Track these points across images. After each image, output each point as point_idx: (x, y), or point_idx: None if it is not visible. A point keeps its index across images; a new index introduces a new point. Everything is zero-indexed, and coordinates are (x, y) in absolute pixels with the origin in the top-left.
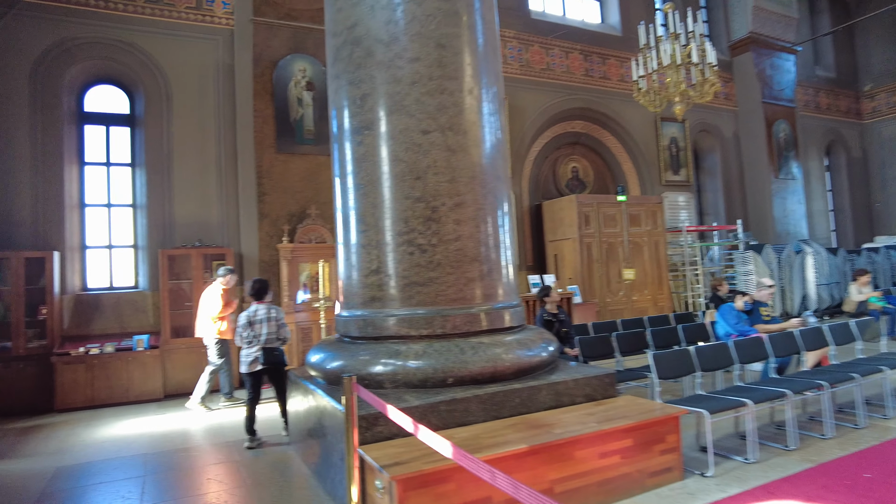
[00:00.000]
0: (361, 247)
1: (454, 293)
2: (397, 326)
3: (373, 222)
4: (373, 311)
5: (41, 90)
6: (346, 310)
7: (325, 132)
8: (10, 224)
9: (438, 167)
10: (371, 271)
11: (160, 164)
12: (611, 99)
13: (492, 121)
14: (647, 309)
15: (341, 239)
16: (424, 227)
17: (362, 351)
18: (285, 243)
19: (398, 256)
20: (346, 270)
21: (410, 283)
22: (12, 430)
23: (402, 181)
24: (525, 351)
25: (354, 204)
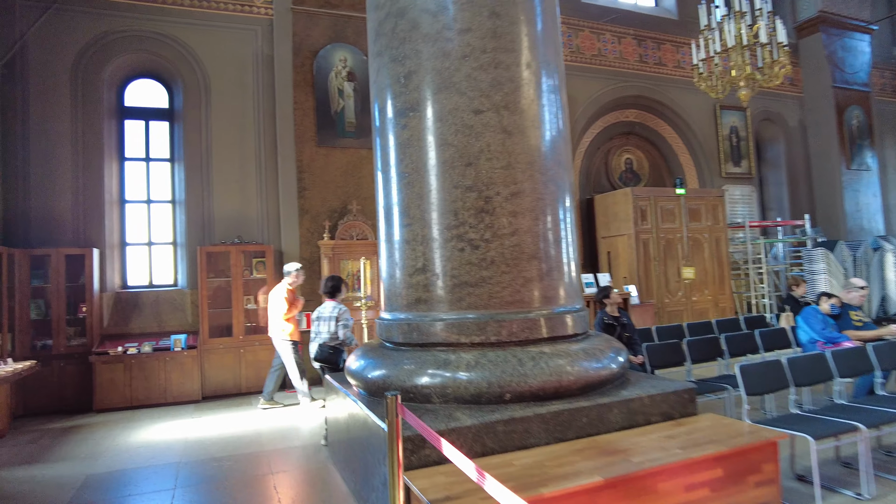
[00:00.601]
0: (405, 242)
1: (510, 295)
2: (446, 332)
3: (418, 215)
4: (418, 315)
5: (82, 85)
6: (388, 312)
7: (366, 124)
8: (50, 221)
9: (492, 151)
10: (416, 270)
11: (199, 158)
12: (666, 86)
13: (552, 98)
14: (707, 310)
15: (383, 234)
16: (476, 220)
17: (406, 359)
18: (326, 240)
19: (446, 253)
20: (389, 269)
21: (460, 284)
22: (50, 430)
23: (451, 168)
24: (592, 362)
25: (397, 195)
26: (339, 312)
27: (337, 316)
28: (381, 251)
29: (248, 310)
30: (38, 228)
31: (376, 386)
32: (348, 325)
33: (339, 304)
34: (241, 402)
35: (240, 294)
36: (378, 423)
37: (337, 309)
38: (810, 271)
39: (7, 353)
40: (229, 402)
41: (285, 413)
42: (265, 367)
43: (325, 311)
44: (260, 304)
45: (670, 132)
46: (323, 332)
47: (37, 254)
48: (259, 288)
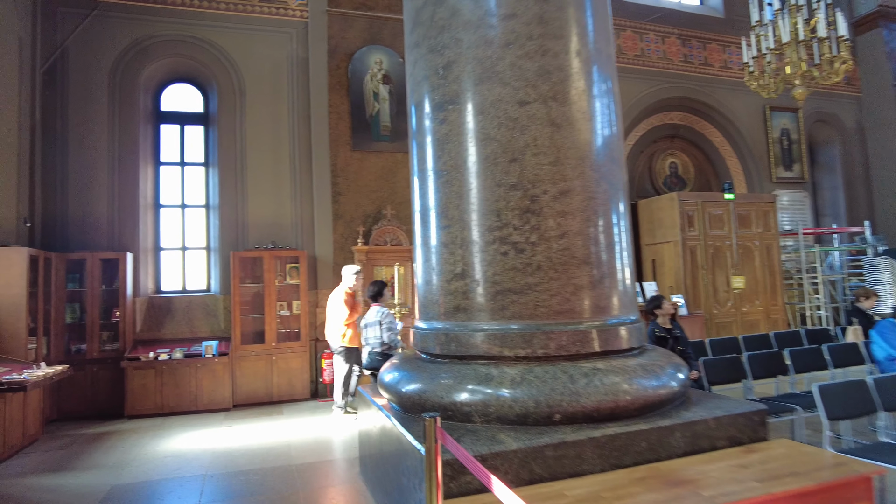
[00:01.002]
0: (443, 246)
1: (558, 304)
2: (487, 344)
3: (457, 216)
4: (456, 324)
5: (119, 89)
6: (424, 321)
7: (401, 128)
8: (86, 225)
9: (539, 146)
10: (454, 275)
11: (233, 162)
12: (712, 87)
13: (604, 89)
14: (758, 322)
15: (419, 237)
16: (521, 222)
17: (444, 373)
18: (360, 245)
19: (488, 257)
20: (425, 274)
21: (503, 291)
22: (82, 436)
23: (493, 165)
24: (651, 380)
25: (435, 194)
26: (381, 317)
27: (380, 320)
28: (416, 255)
29: (280, 316)
30: (75, 232)
31: (411, 401)
32: (393, 328)
33: (382, 308)
34: (272, 410)
35: (273, 300)
36: (414, 445)
37: (380, 313)
38: (873, 281)
39: (42, 357)
40: (260, 411)
41: (316, 424)
42: (297, 374)
43: (370, 316)
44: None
45: (717, 135)
46: (371, 338)
47: (73, 258)
48: (292, 294)
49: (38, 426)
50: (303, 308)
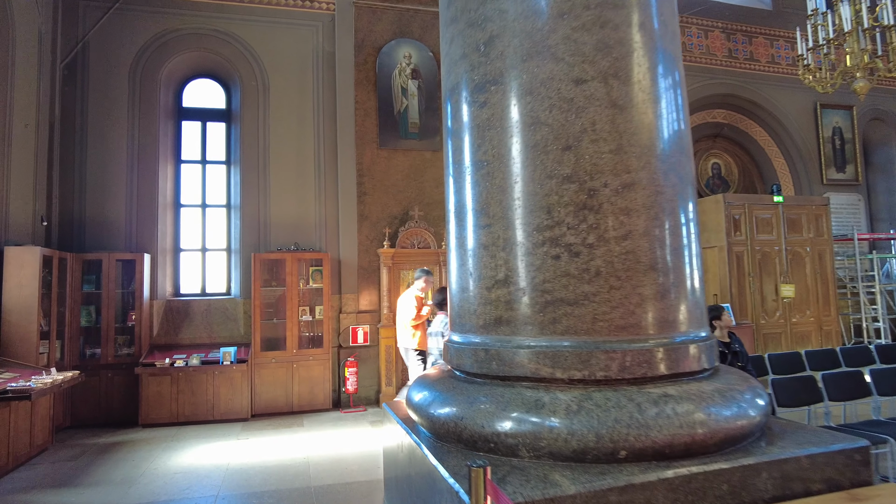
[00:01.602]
0: (482, 248)
1: (621, 318)
2: (535, 363)
3: (499, 213)
4: (498, 339)
5: (140, 85)
6: (458, 334)
7: (431, 125)
8: (103, 224)
9: (598, 131)
10: (496, 282)
11: (255, 161)
12: (759, 83)
13: (670, 67)
14: (809, 334)
15: (453, 238)
16: (577, 220)
17: (483, 396)
18: (386, 248)
19: (536, 261)
20: (460, 280)
21: (554, 301)
22: (93, 446)
23: (543, 153)
24: (729, 408)
25: (473, 189)
26: (444, 328)
27: (443, 332)
28: (450, 259)
29: (302, 321)
30: (92, 232)
31: (445, 428)
32: None
33: (446, 318)
34: (292, 422)
35: (294, 304)
36: (450, 484)
37: (444, 323)
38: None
39: (55, 362)
40: (279, 422)
41: (338, 438)
42: (319, 383)
43: (435, 325)
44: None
45: (762, 134)
46: (433, 349)
47: (89, 258)
48: (315, 298)
49: (48, 434)
50: (326, 313)
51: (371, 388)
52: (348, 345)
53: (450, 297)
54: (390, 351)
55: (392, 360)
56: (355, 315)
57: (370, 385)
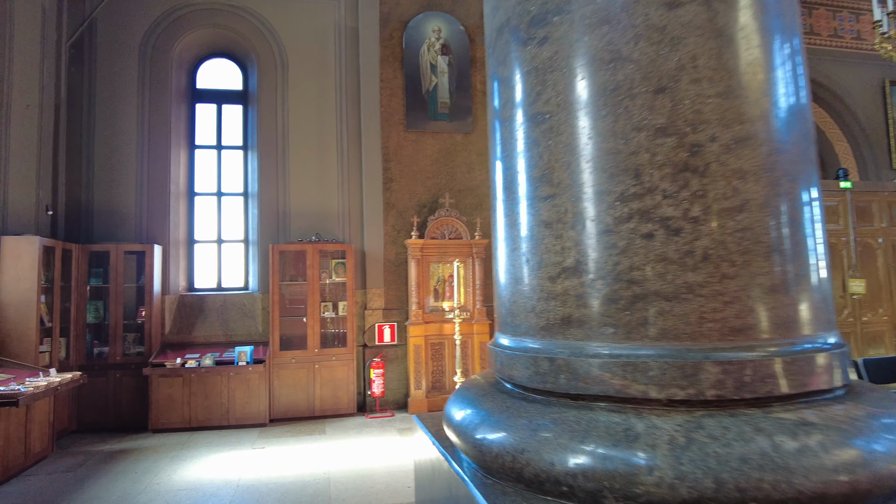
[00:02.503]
0: (544, 226)
1: (736, 316)
2: (620, 378)
3: (567, 180)
4: (566, 345)
5: (150, 65)
6: (509, 336)
7: (462, 105)
8: (112, 214)
9: (701, 68)
10: (562, 270)
11: (274, 145)
12: (819, 59)
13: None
14: (882, 334)
15: (501, 216)
16: (675, 185)
17: (549, 422)
18: (414, 238)
19: (620, 242)
20: (511, 268)
21: (646, 295)
22: (95, 454)
23: (627, 98)
24: (884, 442)
25: (530, 150)
26: None
27: None
28: (496, 243)
29: (324, 318)
30: (101, 222)
31: (498, 462)
32: None
33: None
34: (313, 428)
35: (316, 300)
36: None
37: None
38: None
39: (58, 361)
40: (299, 428)
41: (363, 448)
42: (342, 385)
43: None
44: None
45: (822, 115)
46: None
47: (95, 250)
48: (338, 293)
49: (47, 441)
50: (349, 310)
51: (399, 392)
52: (374, 344)
53: (497, 291)
54: (419, 351)
55: (422, 361)
56: (381, 311)
57: (398, 388)
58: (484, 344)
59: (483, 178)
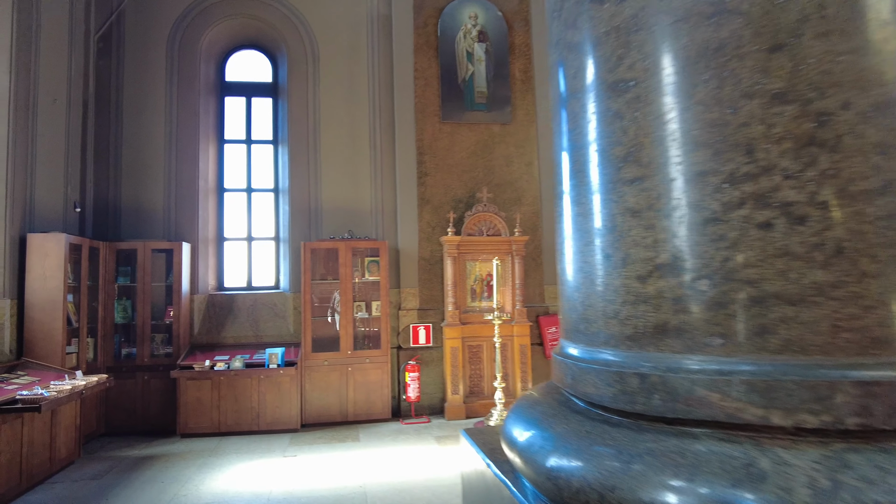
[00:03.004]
0: (629, 214)
1: (880, 324)
2: (732, 400)
3: (657, 158)
4: (657, 358)
5: (178, 58)
6: (579, 345)
7: (500, 94)
8: (139, 210)
9: (830, 19)
10: (654, 268)
11: (305, 139)
12: None
13: None
14: None
15: (568, 204)
16: (799, 163)
17: (638, 451)
18: (450, 235)
19: (730, 233)
20: (582, 266)
21: (763, 299)
22: (123, 460)
23: (734, 58)
24: None
25: (608, 124)
26: None
27: None
28: (562, 235)
29: (358, 319)
30: (129, 220)
31: (579, 500)
32: None
33: None
34: (346, 434)
35: (349, 299)
36: None
37: None
38: None
39: (85, 363)
40: (332, 434)
41: (400, 457)
42: (376, 389)
43: None
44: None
45: None
46: None
47: (122, 248)
48: (371, 292)
49: (74, 446)
50: (383, 309)
51: (435, 396)
52: (408, 346)
53: (563, 292)
54: (456, 353)
55: (458, 365)
56: (416, 312)
57: (434, 392)
58: (524, 347)
59: (522, 172)
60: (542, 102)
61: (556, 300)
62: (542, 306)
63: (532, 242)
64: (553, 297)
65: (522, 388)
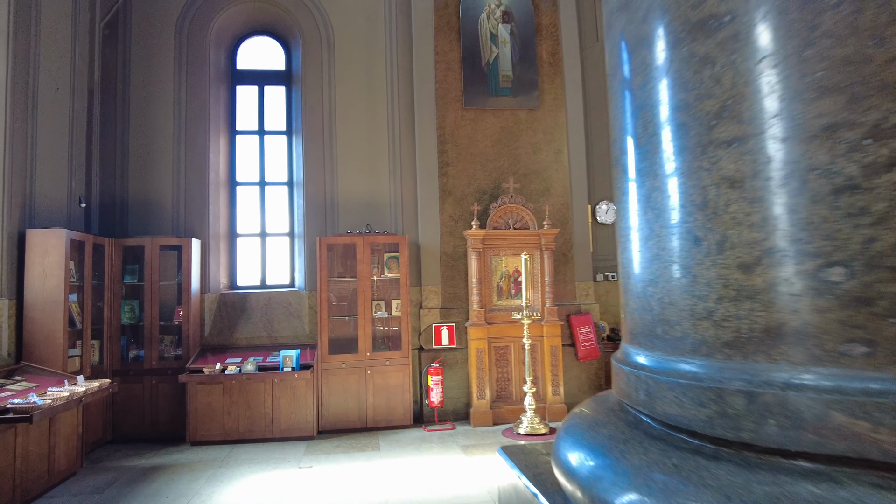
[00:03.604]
0: (724, 185)
1: None
2: (890, 431)
3: (762, 113)
4: (769, 371)
5: (187, 45)
6: (653, 352)
7: (526, 78)
8: (147, 205)
9: None
10: (762, 253)
11: (320, 129)
12: None
13: None
14: None
15: (633, 175)
16: None
17: (756, 497)
18: (474, 229)
19: (874, 206)
20: (657, 251)
21: None
22: (129, 471)
23: None
24: None
25: (690, 72)
26: None
27: None
28: (625, 214)
29: (377, 318)
30: (136, 215)
31: None
32: None
33: None
34: (366, 442)
35: (367, 298)
36: None
37: None
38: None
39: (89, 366)
40: (350, 442)
41: (424, 469)
42: (397, 393)
43: None
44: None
45: None
46: None
47: (129, 244)
48: (391, 290)
49: (75, 457)
50: (403, 309)
51: (459, 401)
52: (430, 347)
53: (626, 286)
54: (482, 355)
55: (484, 367)
56: (438, 311)
57: (458, 397)
58: (555, 349)
59: (551, 160)
60: (571, 86)
61: (587, 297)
62: (573, 304)
63: (562, 236)
64: (584, 294)
65: (553, 392)
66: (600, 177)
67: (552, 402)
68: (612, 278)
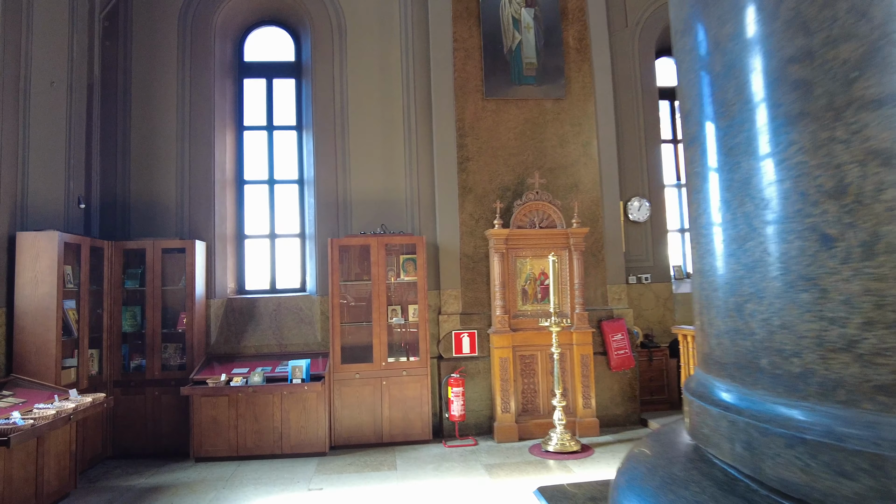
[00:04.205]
0: (877, 161)
1: None
2: None
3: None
4: None
5: (191, 36)
6: (752, 389)
7: (552, 65)
8: (149, 205)
9: None
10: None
11: (332, 124)
12: None
13: None
14: None
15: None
16: None
17: None
18: (497, 228)
19: None
20: (761, 255)
21: None
22: (127, 491)
23: None
24: None
25: (806, 12)
26: None
27: None
28: (706, 203)
29: (392, 325)
30: (138, 216)
31: None
32: None
33: None
34: (381, 460)
35: (382, 302)
36: None
37: None
38: None
39: (87, 377)
40: (365, 460)
41: (447, 494)
42: (414, 406)
43: None
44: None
45: None
46: None
47: (130, 247)
48: (408, 294)
49: (68, 477)
50: (421, 314)
51: (481, 414)
52: (450, 355)
53: (705, 297)
54: (506, 364)
55: (509, 378)
56: (458, 317)
57: (480, 409)
58: (586, 357)
59: (579, 154)
60: (600, 73)
61: (620, 301)
62: (604, 309)
63: (591, 235)
64: (616, 297)
65: (584, 405)
66: (631, 171)
67: (583, 415)
68: (646, 280)
